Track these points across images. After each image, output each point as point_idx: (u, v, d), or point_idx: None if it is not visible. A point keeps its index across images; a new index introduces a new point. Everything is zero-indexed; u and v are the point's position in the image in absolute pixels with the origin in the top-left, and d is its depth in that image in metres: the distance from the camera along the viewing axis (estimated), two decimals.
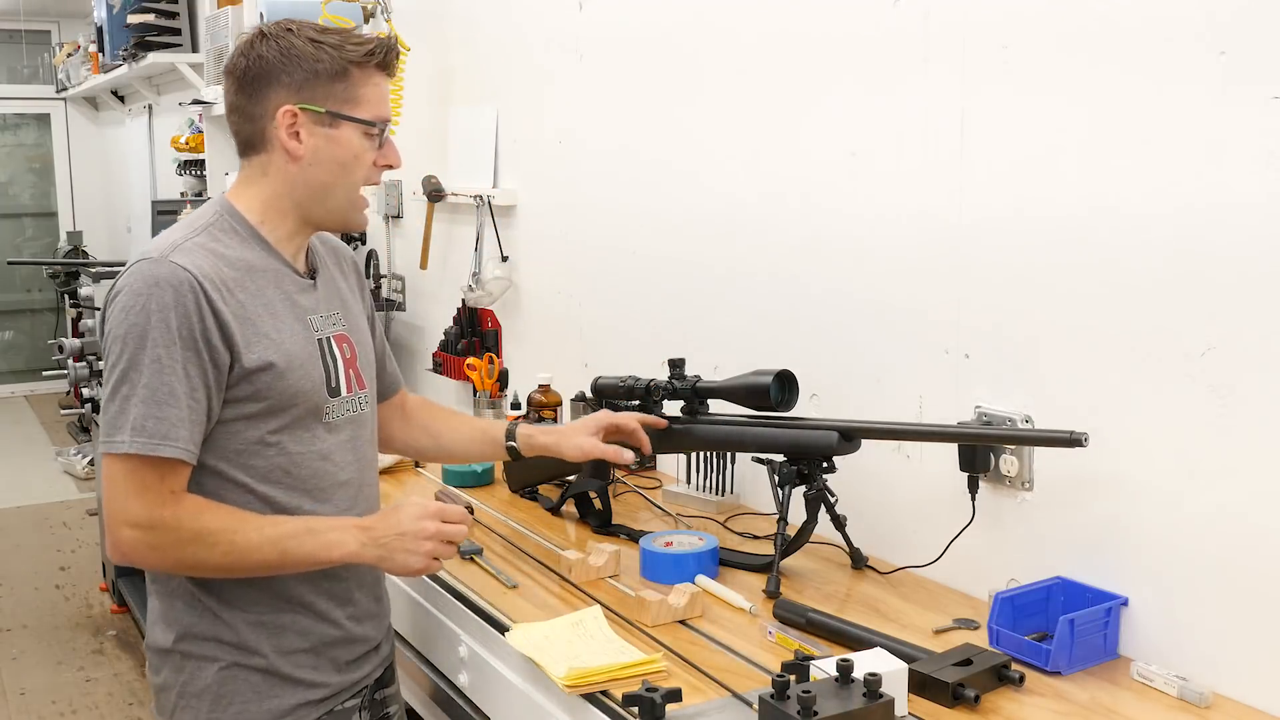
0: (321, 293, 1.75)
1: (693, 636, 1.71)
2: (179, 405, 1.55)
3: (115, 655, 4.10)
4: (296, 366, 1.65)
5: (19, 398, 8.62)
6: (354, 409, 1.74)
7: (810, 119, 2.12)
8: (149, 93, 6.96)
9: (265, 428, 1.64)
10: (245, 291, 1.63)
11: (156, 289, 1.55)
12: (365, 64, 1.67)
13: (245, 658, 1.66)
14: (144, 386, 1.54)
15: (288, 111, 1.64)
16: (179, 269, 1.56)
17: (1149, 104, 1.55)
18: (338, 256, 1.87)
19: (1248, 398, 1.47)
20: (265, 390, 1.62)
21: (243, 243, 1.67)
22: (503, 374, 2.89)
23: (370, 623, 1.79)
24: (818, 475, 1.90)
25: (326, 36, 1.67)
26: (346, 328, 1.77)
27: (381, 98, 1.69)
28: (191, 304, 1.55)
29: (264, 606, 1.67)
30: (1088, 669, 1.58)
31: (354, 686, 1.77)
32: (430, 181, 3.35)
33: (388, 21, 3.44)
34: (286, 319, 1.67)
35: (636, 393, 2.10)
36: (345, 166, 1.67)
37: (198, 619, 1.66)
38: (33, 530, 5.48)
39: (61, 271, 7.68)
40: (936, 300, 1.90)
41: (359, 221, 1.75)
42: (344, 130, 1.66)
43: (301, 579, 1.68)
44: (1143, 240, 1.58)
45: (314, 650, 1.71)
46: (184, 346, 1.55)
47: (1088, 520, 1.69)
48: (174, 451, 1.55)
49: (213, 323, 1.57)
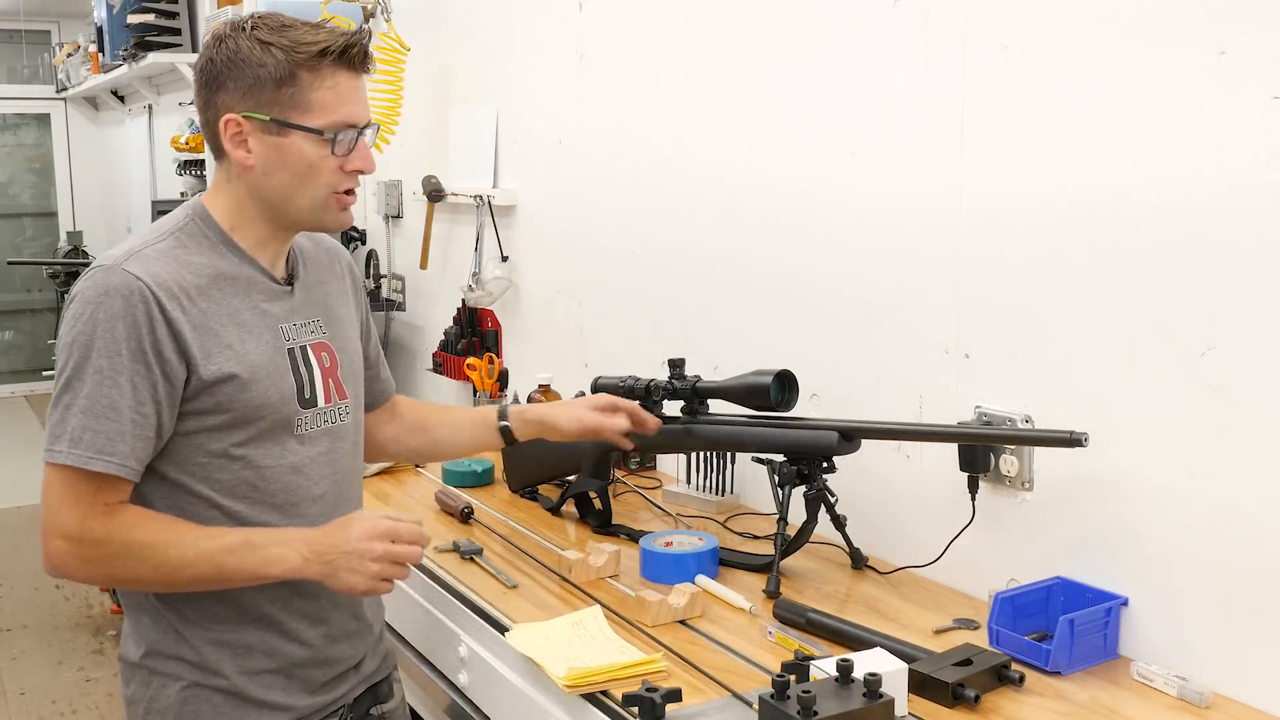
0: (299, 300, 1.68)
1: (693, 636, 1.71)
2: (119, 419, 1.50)
3: (115, 655, 4.10)
4: (262, 378, 1.59)
5: (19, 398, 8.61)
6: (332, 420, 1.68)
7: (810, 119, 2.12)
8: (149, 93, 6.96)
9: (229, 440, 1.58)
10: (208, 300, 1.57)
11: (106, 298, 1.50)
12: (316, 65, 1.56)
13: (207, 678, 1.61)
14: (85, 397, 1.50)
15: (230, 120, 1.57)
16: (131, 277, 1.51)
17: (1149, 104, 1.55)
18: (332, 259, 1.80)
19: (1248, 398, 1.47)
20: (227, 402, 1.56)
21: (212, 249, 1.61)
22: (503, 374, 2.89)
23: (347, 642, 1.71)
24: (818, 475, 1.90)
25: (281, 36, 1.56)
26: (328, 335, 1.70)
27: (342, 99, 1.58)
28: (142, 314, 1.50)
29: (227, 625, 1.61)
30: (1088, 669, 1.58)
31: (327, 708, 1.69)
32: (430, 181, 3.35)
33: (388, 21, 3.44)
34: (254, 328, 1.61)
35: (636, 393, 2.10)
36: (301, 176, 1.58)
37: (161, 636, 1.62)
38: (33, 530, 5.45)
39: (61, 271, 7.69)
40: (936, 300, 1.90)
41: (335, 223, 1.65)
42: (293, 139, 1.57)
43: (270, 596, 1.62)
44: (1143, 241, 1.58)
45: (282, 671, 1.64)
46: (131, 358, 1.50)
47: (1088, 520, 1.69)
48: (108, 466, 1.50)
49: (165, 333, 1.51)
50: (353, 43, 1.59)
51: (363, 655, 1.75)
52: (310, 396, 1.64)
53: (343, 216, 1.65)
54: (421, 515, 2.28)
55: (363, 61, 1.62)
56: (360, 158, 1.62)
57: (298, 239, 1.73)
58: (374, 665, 1.78)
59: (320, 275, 1.75)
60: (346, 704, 1.73)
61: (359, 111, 1.61)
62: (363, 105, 1.63)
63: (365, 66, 1.63)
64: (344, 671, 1.71)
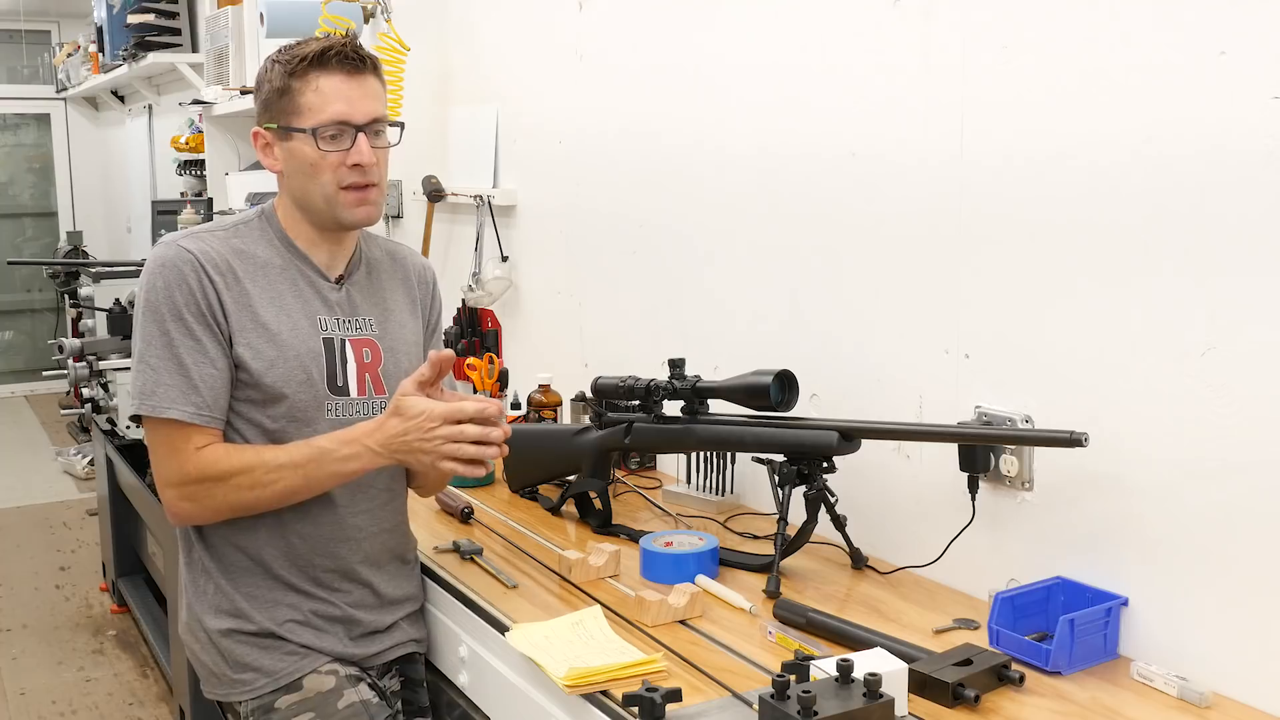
0: (350, 298, 1.84)
1: (693, 636, 1.71)
2: (186, 373, 1.71)
3: (115, 655, 4.09)
4: (291, 358, 1.75)
5: (19, 398, 8.61)
6: (365, 412, 1.81)
7: (810, 119, 2.12)
8: (149, 93, 6.96)
9: (263, 413, 1.76)
10: (253, 282, 1.76)
11: (163, 268, 1.73)
12: (304, 72, 1.74)
13: (241, 624, 1.82)
14: (154, 356, 1.72)
15: (256, 133, 1.82)
16: (184, 251, 1.74)
17: (1149, 104, 1.55)
18: (407, 272, 1.96)
19: (1248, 398, 1.47)
20: (256, 377, 1.74)
21: (268, 243, 1.81)
22: (503, 374, 2.89)
23: (368, 610, 1.87)
24: (818, 475, 1.90)
25: (285, 54, 1.77)
26: (376, 334, 1.85)
27: (327, 99, 1.74)
28: (194, 280, 1.72)
29: (257, 580, 1.82)
30: (1088, 669, 1.58)
31: (363, 660, 1.86)
32: (430, 181, 3.35)
33: (388, 21, 3.44)
34: (293, 314, 1.78)
35: (636, 393, 2.10)
36: (307, 175, 1.77)
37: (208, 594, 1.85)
38: (33, 530, 5.48)
39: (61, 271, 7.67)
40: (936, 300, 1.90)
41: (351, 218, 1.80)
42: (295, 141, 1.77)
43: (289, 564, 1.81)
44: (1143, 241, 1.58)
45: (309, 624, 1.82)
46: (195, 319, 1.71)
47: (1088, 520, 1.69)
48: (183, 414, 1.70)
49: (214, 298, 1.72)
50: (329, 45, 1.75)
51: (390, 623, 1.90)
52: (343, 385, 1.79)
53: (358, 212, 1.81)
54: (422, 516, 2.28)
55: (344, 63, 1.75)
56: (359, 151, 1.76)
57: (371, 250, 1.92)
58: (411, 634, 1.93)
59: (383, 281, 1.92)
60: (379, 665, 1.89)
61: (346, 110, 1.75)
62: (356, 104, 1.76)
63: (351, 67, 1.76)
64: (373, 632, 1.87)
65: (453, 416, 1.67)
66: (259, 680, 1.80)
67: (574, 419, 2.63)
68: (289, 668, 1.80)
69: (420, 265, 2.01)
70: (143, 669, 3.97)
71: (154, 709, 3.68)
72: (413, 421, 1.67)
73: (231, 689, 1.82)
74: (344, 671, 1.82)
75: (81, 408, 4.03)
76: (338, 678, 1.81)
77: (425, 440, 1.67)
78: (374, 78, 1.80)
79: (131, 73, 6.05)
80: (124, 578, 4.34)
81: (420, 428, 1.67)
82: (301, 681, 1.79)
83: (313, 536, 1.82)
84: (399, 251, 1.99)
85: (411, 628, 1.94)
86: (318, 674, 1.80)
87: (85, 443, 6.54)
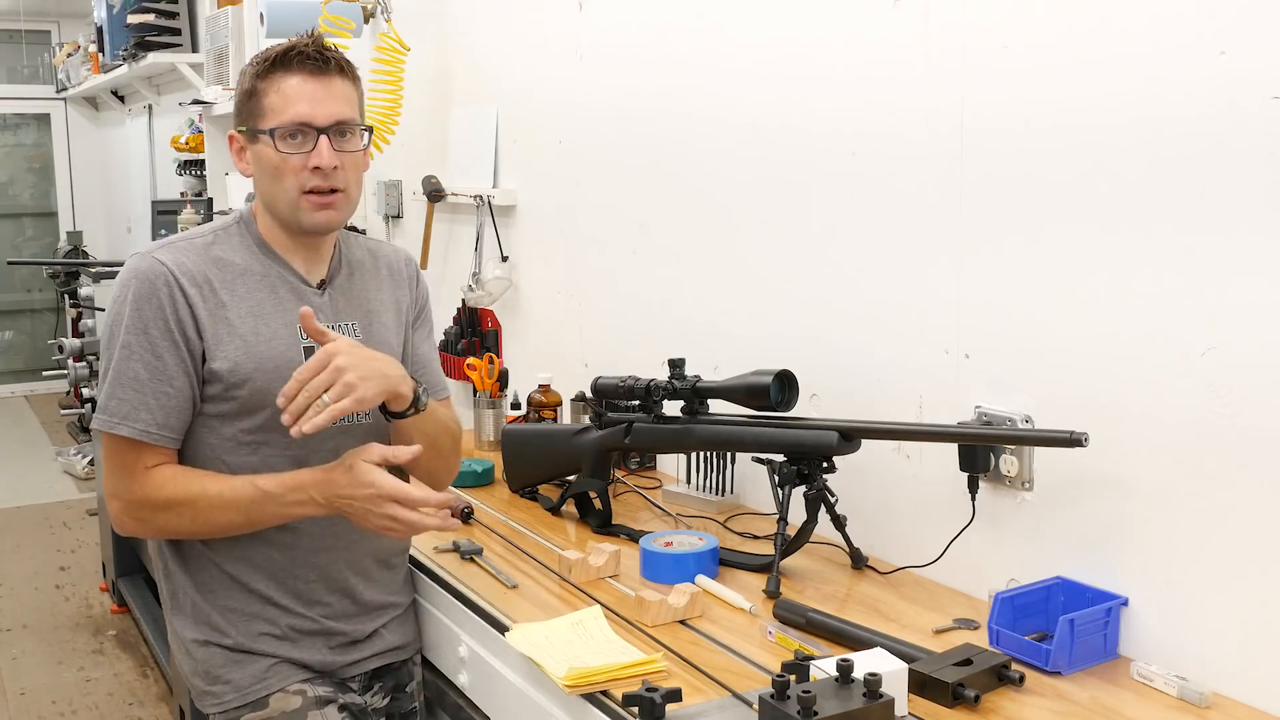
0: (332, 304, 1.81)
1: (693, 636, 1.71)
2: (142, 389, 1.68)
3: (115, 655, 4.09)
4: (269, 369, 1.71)
5: (19, 398, 8.61)
6: (348, 422, 1.76)
7: (810, 119, 2.12)
8: (149, 93, 6.96)
9: (238, 426, 1.74)
10: (231, 292, 1.73)
11: (135, 281, 1.70)
12: (268, 74, 1.72)
13: (218, 637, 1.81)
14: (113, 369, 1.69)
15: (230, 136, 1.81)
16: (158, 264, 1.70)
17: (1148, 105, 1.55)
18: (386, 267, 1.92)
19: (1248, 398, 1.47)
20: (233, 390, 1.71)
21: (246, 249, 1.78)
22: (503, 374, 2.89)
23: (347, 620, 1.86)
24: (818, 475, 1.90)
25: (258, 55, 1.75)
26: (361, 339, 1.79)
27: (289, 101, 1.70)
28: (165, 295, 1.68)
29: (231, 594, 1.80)
30: (1088, 669, 1.58)
31: (342, 669, 1.85)
32: (430, 181, 3.35)
33: (388, 21, 3.44)
34: (273, 323, 1.74)
35: (636, 393, 2.10)
36: (271, 177, 1.74)
37: (184, 605, 1.83)
38: (33, 530, 5.48)
39: (61, 271, 7.67)
40: (936, 300, 1.90)
41: (310, 223, 1.75)
42: (260, 144, 1.74)
43: (265, 579, 1.79)
44: (1143, 241, 1.58)
45: (285, 637, 1.81)
46: (160, 334, 1.68)
47: (1088, 520, 1.69)
48: (132, 431, 1.68)
49: (186, 314, 1.69)
50: (293, 45, 1.71)
51: (371, 631, 1.88)
52: None
53: (318, 216, 1.75)
54: None
55: (306, 63, 1.71)
56: (315, 154, 1.71)
57: (352, 251, 1.88)
58: (391, 644, 1.91)
59: (366, 282, 1.87)
60: (363, 672, 1.88)
61: (308, 111, 1.70)
62: (319, 104, 1.71)
63: (314, 68, 1.71)
64: (353, 642, 1.85)
65: (400, 499, 1.66)
66: (227, 694, 1.79)
67: (574, 419, 2.63)
68: (256, 684, 1.79)
69: (400, 257, 1.97)
70: (142, 669, 3.97)
71: (154, 709, 3.68)
72: (361, 492, 1.66)
73: (202, 700, 1.82)
74: (313, 692, 1.79)
75: (81, 407, 4.03)
76: (304, 698, 1.78)
77: (369, 512, 1.67)
78: (341, 79, 1.75)
79: (131, 73, 6.05)
80: (124, 578, 4.35)
81: (369, 500, 1.66)
82: (267, 700, 1.78)
83: (294, 546, 1.79)
84: (380, 249, 1.96)
85: (393, 635, 1.93)
86: (284, 693, 1.79)
87: (85, 443, 6.54)
